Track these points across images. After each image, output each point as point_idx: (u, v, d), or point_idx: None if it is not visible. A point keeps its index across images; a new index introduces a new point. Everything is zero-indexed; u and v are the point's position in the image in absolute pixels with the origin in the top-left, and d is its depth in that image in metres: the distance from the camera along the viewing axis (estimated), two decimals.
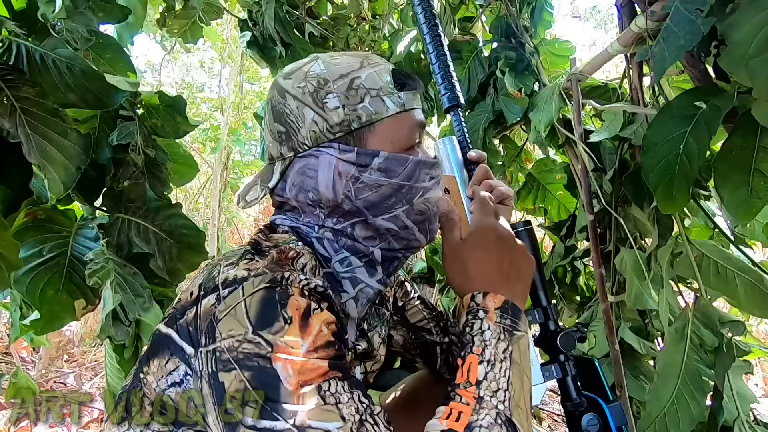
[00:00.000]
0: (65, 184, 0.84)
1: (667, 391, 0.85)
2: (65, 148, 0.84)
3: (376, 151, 0.61)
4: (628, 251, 1.01)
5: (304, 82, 0.62)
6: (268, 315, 0.50)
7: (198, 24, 1.73)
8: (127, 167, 1.10)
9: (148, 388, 0.55)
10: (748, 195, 0.65)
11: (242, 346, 0.48)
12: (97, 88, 0.87)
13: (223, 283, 0.52)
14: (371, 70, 0.63)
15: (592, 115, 1.32)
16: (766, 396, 2.28)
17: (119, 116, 1.14)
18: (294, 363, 0.48)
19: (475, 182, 0.74)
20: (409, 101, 0.64)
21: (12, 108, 0.78)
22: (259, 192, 0.67)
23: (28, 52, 0.83)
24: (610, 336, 1.01)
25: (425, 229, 0.67)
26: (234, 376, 0.48)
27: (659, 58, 0.65)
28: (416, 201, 0.64)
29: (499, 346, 0.54)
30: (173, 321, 0.55)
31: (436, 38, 0.76)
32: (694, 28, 0.61)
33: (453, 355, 0.87)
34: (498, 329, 0.55)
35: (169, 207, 1.12)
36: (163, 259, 1.09)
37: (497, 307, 0.57)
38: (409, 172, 0.63)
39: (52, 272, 0.98)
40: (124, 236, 1.06)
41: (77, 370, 2.81)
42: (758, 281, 0.81)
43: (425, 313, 0.89)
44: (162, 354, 0.54)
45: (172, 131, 1.20)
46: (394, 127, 0.63)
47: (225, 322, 0.50)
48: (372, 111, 0.61)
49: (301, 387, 0.47)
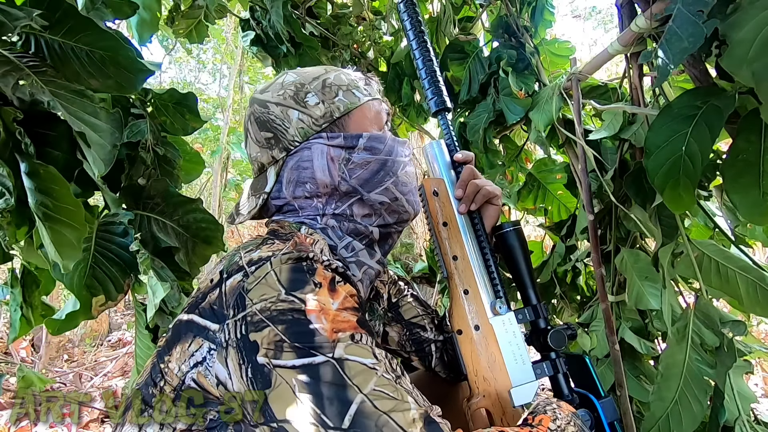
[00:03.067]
0: (105, 161, 0.84)
1: (670, 392, 0.85)
2: (98, 127, 0.83)
3: (360, 133, 0.70)
4: (629, 251, 1.01)
5: (282, 90, 0.71)
6: (300, 279, 0.52)
7: (203, 23, 1.73)
8: (138, 164, 1.12)
9: (169, 375, 0.55)
10: (760, 198, 0.65)
11: (276, 305, 0.50)
12: (117, 74, 0.87)
13: (248, 263, 0.55)
14: (336, 73, 0.72)
15: (592, 115, 1.32)
16: (766, 396, 2.28)
17: (130, 114, 1.15)
18: (327, 314, 0.50)
19: (462, 183, 0.76)
20: (374, 92, 0.74)
21: (42, 89, 0.78)
22: (255, 201, 0.71)
23: (46, 42, 0.83)
24: (610, 336, 1.01)
25: (411, 201, 0.74)
26: (267, 332, 0.49)
27: (663, 61, 0.65)
28: (400, 173, 0.72)
29: (568, 428, 0.56)
30: (194, 307, 0.56)
31: (423, 45, 0.79)
32: (697, 30, 0.61)
33: (448, 353, 0.87)
34: (570, 418, 0.57)
35: (190, 202, 1.15)
36: (185, 253, 1.12)
37: (572, 411, 0.60)
38: (389, 148, 0.71)
39: (77, 268, 0.98)
40: (146, 232, 1.09)
41: (77, 370, 2.81)
42: (760, 280, 0.81)
43: (419, 309, 0.91)
44: (184, 339, 0.55)
45: (181, 128, 1.23)
46: (366, 113, 0.72)
47: (256, 289, 0.52)
48: (347, 101, 0.70)
49: (335, 333, 0.49)
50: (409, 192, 0.74)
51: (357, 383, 0.46)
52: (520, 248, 0.73)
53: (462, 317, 0.72)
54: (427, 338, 0.89)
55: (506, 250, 0.74)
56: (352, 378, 0.46)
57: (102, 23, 0.87)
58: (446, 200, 0.76)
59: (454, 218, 0.75)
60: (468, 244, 0.74)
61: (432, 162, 0.79)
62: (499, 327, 0.71)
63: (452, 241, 0.74)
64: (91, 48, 0.84)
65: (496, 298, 0.72)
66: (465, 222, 0.75)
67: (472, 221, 0.76)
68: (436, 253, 0.77)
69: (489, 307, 0.72)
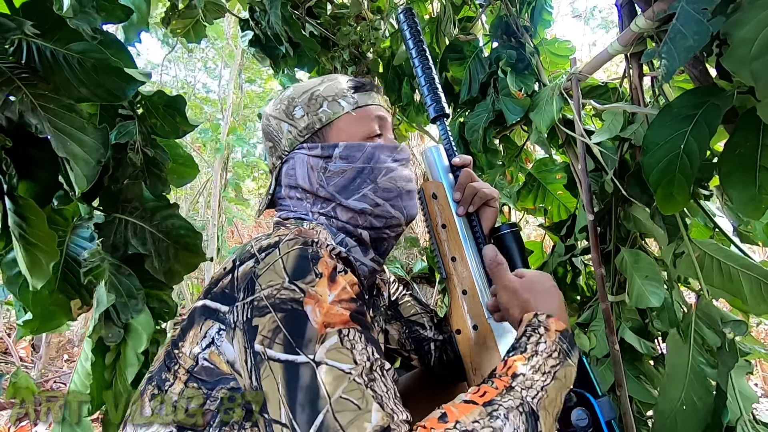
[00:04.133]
0: (88, 177, 0.85)
1: (676, 392, 0.85)
2: (84, 143, 0.85)
3: (336, 143, 0.73)
4: (629, 251, 1.01)
5: (280, 104, 0.77)
6: (303, 268, 0.55)
7: (201, 23, 1.73)
8: (126, 167, 1.09)
9: (183, 359, 0.58)
10: (756, 193, 0.65)
11: (280, 293, 0.53)
12: (108, 82, 0.88)
13: (260, 249, 0.58)
14: (329, 83, 0.76)
15: (592, 115, 1.32)
16: (766, 396, 2.28)
17: (118, 115, 1.13)
18: (321, 306, 0.53)
19: (459, 186, 0.77)
20: (363, 100, 0.76)
21: (32, 105, 0.80)
22: (265, 199, 0.80)
23: (38, 49, 0.83)
24: (610, 336, 1.01)
25: (398, 206, 0.74)
26: (268, 318, 0.52)
27: (668, 59, 0.64)
28: (380, 179, 0.73)
29: (548, 362, 0.56)
30: (207, 293, 0.59)
31: (422, 54, 0.82)
32: (702, 28, 0.61)
33: (447, 353, 0.88)
34: (554, 347, 0.57)
35: (167, 207, 1.11)
36: (160, 260, 1.08)
37: (558, 330, 0.59)
38: (368, 156, 0.72)
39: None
40: (121, 236, 1.05)
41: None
42: (764, 278, 0.80)
43: (418, 308, 0.92)
44: (197, 323, 0.58)
45: (171, 131, 1.20)
46: (351, 122, 0.74)
47: (265, 275, 0.55)
48: (330, 112, 0.74)
49: (325, 327, 0.52)
50: (395, 197, 0.74)
51: (329, 391, 0.48)
52: (517, 249, 0.74)
53: (461, 317, 0.73)
54: (427, 336, 0.90)
55: (504, 251, 0.74)
56: (326, 385, 0.48)
57: (89, 28, 0.87)
58: (445, 203, 0.77)
59: (452, 220, 0.76)
60: (466, 245, 0.76)
61: (431, 166, 0.81)
62: (497, 327, 0.72)
63: (451, 243, 0.76)
64: (82, 56, 0.85)
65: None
66: (463, 224, 0.77)
67: (470, 223, 0.77)
68: (435, 254, 0.78)
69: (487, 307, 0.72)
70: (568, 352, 0.58)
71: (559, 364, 0.56)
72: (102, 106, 1.11)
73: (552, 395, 0.54)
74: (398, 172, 0.74)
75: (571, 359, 0.58)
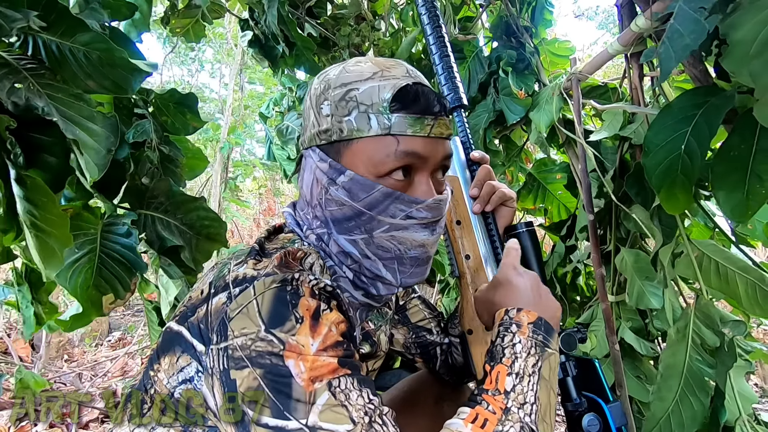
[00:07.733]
0: (99, 166, 0.84)
1: (670, 392, 0.85)
2: (93, 132, 0.84)
3: (343, 169, 0.58)
4: (629, 251, 1.01)
5: (318, 85, 0.62)
6: (280, 314, 0.49)
7: (201, 23, 1.73)
8: (143, 164, 1.14)
9: (159, 385, 0.55)
10: (744, 197, 0.65)
11: (255, 344, 0.48)
12: (114, 73, 0.87)
13: (234, 281, 0.52)
14: (375, 84, 0.58)
15: (592, 115, 1.32)
16: (766, 396, 2.28)
17: (134, 114, 1.18)
18: (305, 360, 0.48)
19: (478, 183, 0.74)
20: (401, 126, 0.56)
21: (39, 93, 0.79)
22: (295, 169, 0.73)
23: (44, 43, 0.83)
24: (610, 336, 1.01)
25: (393, 269, 0.61)
26: (247, 373, 0.47)
27: (665, 58, 0.65)
28: (377, 234, 0.59)
29: (529, 360, 0.55)
30: (184, 318, 0.55)
31: (440, 39, 0.76)
32: (699, 27, 0.61)
33: (453, 356, 0.87)
34: (529, 344, 0.56)
35: (193, 201, 1.18)
36: (190, 251, 1.15)
37: (530, 322, 0.58)
38: (373, 201, 0.58)
39: (84, 268, 1.01)
40: (151, 231, 1.12)
41: (77, 370, 2.81)
42: (759, 281, 0.80)
43: (426, 312, 0.90)
44: (173, 351, 0.54)
45: (182, 128, 1.25)
46: (372, 149, 0.57)
47: (237, 320, 0.49)
48: (354, 127, 0.57)
49: (313, 383, 0.47)
50: (390, 259, 0.60)
51: None
52: (533, 249, 0.71)
53: (472, 317, 0.72)
54: (433, 341, 0.88)
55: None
56: None
57: (97, 24, 0.87)
58: (460, 198, 0.74)
59: (467, 217, 0.74)
60: (481, 243, 0.73)
61: None
62: None
63: (465, 240, 0.73)
64: (88, 49, 0.84)
65: None
66: (478, 221, 0.74)
67: (485, 221, 0.75)
68: (448, 251, 0.76)
69: None
70: (545, 342, 0.57)
71: (539, 359, 0.56)
72: (116, 106, 1.14)
73: (544, 400, 0.54)
74: (408, 232, 0.59)
75: (550, 347, 0.57)
